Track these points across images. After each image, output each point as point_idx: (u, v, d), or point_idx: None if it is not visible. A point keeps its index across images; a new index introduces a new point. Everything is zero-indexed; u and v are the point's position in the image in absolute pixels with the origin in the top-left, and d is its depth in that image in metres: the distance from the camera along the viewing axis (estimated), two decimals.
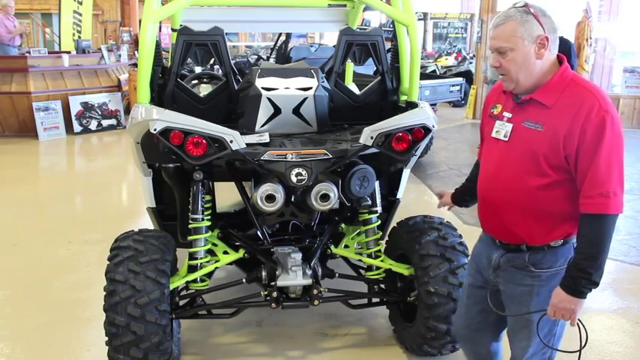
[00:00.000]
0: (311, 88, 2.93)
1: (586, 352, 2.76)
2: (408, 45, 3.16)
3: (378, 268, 3.15)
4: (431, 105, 3.08)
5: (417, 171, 7.20)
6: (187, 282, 2.95)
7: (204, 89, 3.74)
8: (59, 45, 12.25)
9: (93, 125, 9.63)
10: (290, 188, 2.74)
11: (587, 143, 1.84)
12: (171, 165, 2.96)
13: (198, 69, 4.85)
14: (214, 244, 3.12)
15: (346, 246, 3.27)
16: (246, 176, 3.12)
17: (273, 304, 2.86)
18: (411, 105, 3.05)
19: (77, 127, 9.43)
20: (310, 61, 4.25)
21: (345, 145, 2.75)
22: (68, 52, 10.23)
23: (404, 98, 3.27)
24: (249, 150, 2.62)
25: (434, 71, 12.59)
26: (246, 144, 2.59)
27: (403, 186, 3.49)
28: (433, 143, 7.99)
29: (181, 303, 2.99)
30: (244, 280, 3.06)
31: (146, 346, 2.60)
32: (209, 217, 3.04)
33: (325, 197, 2.71)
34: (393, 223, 3.30)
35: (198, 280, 2.97)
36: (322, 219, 3.28)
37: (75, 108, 9.37)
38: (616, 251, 4.71)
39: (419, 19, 16.23)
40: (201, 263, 2.97)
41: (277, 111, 2.92)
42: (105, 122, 9.79)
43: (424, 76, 8.88)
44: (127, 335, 2.58)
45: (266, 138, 2.80)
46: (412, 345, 3.10)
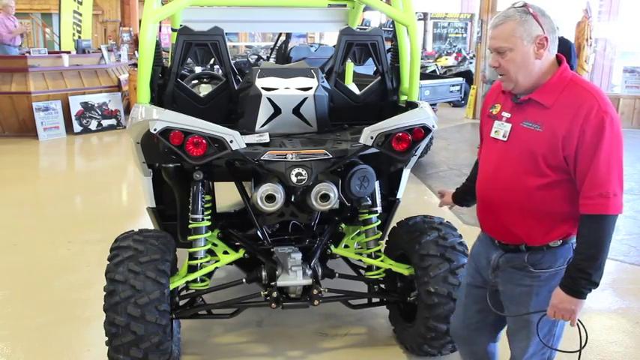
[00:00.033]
0: (311, 88, 2.93)
1: (586, 352, 2.76)
2: (408, 45, 3.16)
3: (378, 268, 3.15)
4: (431, 105, 3.09)
5: (417, 171, 7.20)
6: (187, 282, 2.96)
7: (204, 89, 3.74)
8: (59, 45, 12.25)
9: (93, 125, 9.63)
10: (290, 188, 2.74)
11: (586, 144, 1.84)
12: (171, 165, 2.96)
13: (198, 69, 4.85)
14: (214, 244, 3.12)
15: (346, 246, 3.27)
16: (246, 176, 3.12)
17: (273, 304, 2.87)
18: (411, 105, 3.05)
19: (77, 127, 9.43)
20: (310, 61, 4.25)
21: (345, 145, 2.75)
22: (68, 52, 10.23)
23: (404, 98, 3.27)
24: (249, 150, 2.62)
25: (434, 71, 12.59)
26: (246, 144, 2.59)
27: (403, 186, 3.49)
28: (433, 143, 7.99)
29: (181, 303, 2.99)
30: (244, 280, 3.06)
31: (146, 346, 2.60)
32: (209, 217, 3.04)
33: (325, 197, 2.71)
34: (393, 223, 3.31)
35: (198, 280, 2.97)
36: (322, 219, 3.28)
37: (75, 108, 9.37)
38: (616, 251, 4.71)
39: (419, 19, 16.23)
40: (201, 263, 2.97)
41: (277, 111, 2.92)
42: (105, 122, 9.79)
43: (424, 76, 8.88)
44: (127, 335, 2.58)
45: (266, 138, 2.80)
46: (412, 345, 3.11)
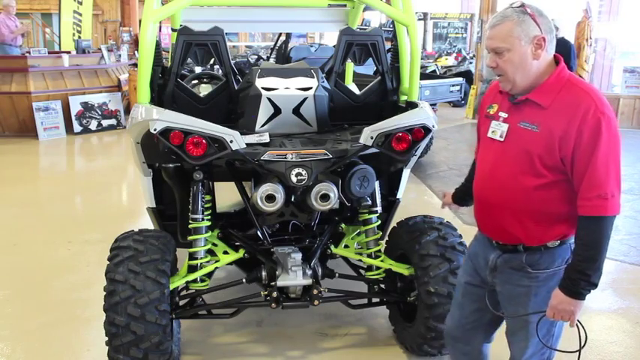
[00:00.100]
0: (311, 88, 2.93)
1: (586, 352, 2.76)
2: (408, 45, 3.16)
3: (378, 268, 3.15)
4: (431, 105, 3.08)
5: (417, 171, 7.20)
6: (187, 282, 2.96)
7: (204, 89, 3.74)
8: (59, 45, 12.25)
9: (93, 125, 9.63)
10: (290, 188, 2.74)
11: (583, 145, 1.83)
12: (171, 165, 2.96)
13: (198, 69, 4.85)
14: (214, 244, 3.12)
15: (346, 246, 3.27)
16: (246, 176, 3.12)
17: (273, 304, 2.87)
18: (411, 105, 3.05)
19: (77, 127, 9.43)
20: (310, 61, 4.25)
21: (345, 145, 2.75)
22: (68, 52, 10.24)
23: (404, 98, 3.27)
24: (249, 150, 2.62)
25: (434, 71, 12.59)
26: (246, 144, 2.59)
27: (403, 186, 3.49)
28: (433, 143, 7.99)
29: (181, 303, 2.99)
30: (244, 280, 3.06)
31: (146, 346, 2.60)
32: (209, 217, 3.04)
33: (325, 197, 2.71)
34: (393, 223, 3.31)
35: (198, 280, 2.97)
36: (322, 219, 3.28)
37: (75, 108, 9.37)
38: (616, 251, 4.70)
39: (419, 19, 16.22)
40: (201, 263, 2.97)
41: (277, 111, 2.92)
42: (105, 122, 9.79)
43: (424, 76, 8.87)
44: (127, 335, 2.58)
45: (266, 138, 2.80)
46: (412, 345, 3.11)
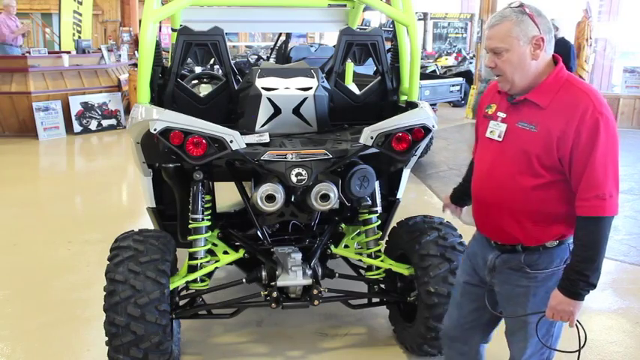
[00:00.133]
0: (311, 88, 2.93)
1: (586, 352, 2.76)
2: (408, 45, 3.16)
3: (378, 268, 3.15)
4: (431, 105, 3.08)
5: (417, 171, 7.20)
6: (187, 282, 2.96)
7: (204, 89, 3.74)
8: (59, 45, 12.26)
9: (93, 125, 9.63)
10: (290, 188, 2.74)
11: (581, 145, 1.83)
12: (171, 165, 2.96)
13: (198, 69, 4.85)
14: (214, 244, 3.12)
15: (346, 246, 3.27)
16: (246, 176, 3.12)
17: (273, 304, 2.87)
18: (411, 105, 3.05)
19: (77, 127, 9.43)
20: (310, 61, 4.25)
21: (345, 145, 2.75)
22: (68, 52, 10.24)
23: (404, 98, 3.27)
24: (249, 150, 2.62)
25: (434, 71, 12.59)
26: (246, 144, 2.59)
27: (403, 186, 3.49)
28: (433, 143, 7.99)
29: (181, 303, 2.99)
30: (244, 280, 3.06)
31: (146, 346, 2.60)
32: (209, 217, 3.04)
33: (325, 197, 2.71)
34: (393, 223, 3.31)
35: (198, 280, 2.97)
36: (322, 219, 3.28)
37: (75, 108, 9.37)
38: (616, 251, 4.71)
39: (419, 19, 16.22)
40: (201, 263, 2.97)
41: (277, 111, 2.92)
42: (105, 122, 9.79)
43: (424, 76, 8.87)
44: (127, 335, 2.58)
45: (266, 138, 2.80)
46: (412, 345, 3.11)
